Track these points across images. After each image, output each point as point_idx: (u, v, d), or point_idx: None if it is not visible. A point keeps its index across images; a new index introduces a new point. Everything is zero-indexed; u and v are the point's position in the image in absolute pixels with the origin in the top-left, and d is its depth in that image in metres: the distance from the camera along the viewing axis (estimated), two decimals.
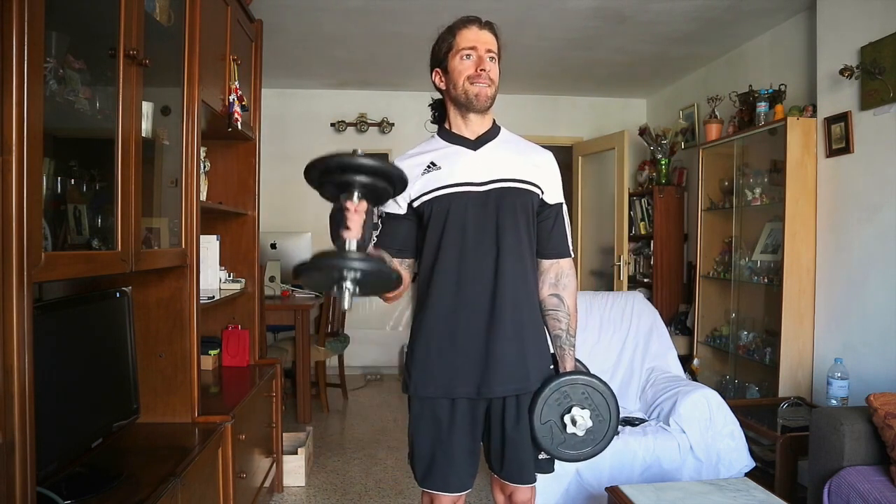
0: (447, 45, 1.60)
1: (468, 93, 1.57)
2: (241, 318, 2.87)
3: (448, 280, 1.57)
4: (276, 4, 3.37)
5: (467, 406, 1.60)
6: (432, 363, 1.59)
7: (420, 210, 1.59)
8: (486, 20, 1.60)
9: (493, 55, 1.58)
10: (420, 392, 1.61)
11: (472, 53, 1.56)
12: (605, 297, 3.19)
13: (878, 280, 2.80)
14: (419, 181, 1.58)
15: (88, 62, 1.47)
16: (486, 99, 1.57)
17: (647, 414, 2.84)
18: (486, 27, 1.58)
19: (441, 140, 1.65)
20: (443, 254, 1.57)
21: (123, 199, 1.53)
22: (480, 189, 1.57)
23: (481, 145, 1.62)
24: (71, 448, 1.50)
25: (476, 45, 1.56)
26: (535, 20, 3.68)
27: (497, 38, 1.60)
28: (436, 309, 1.59)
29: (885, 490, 1.92)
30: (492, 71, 1.57)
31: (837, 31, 3.03)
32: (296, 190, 5.30)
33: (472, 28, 1.57)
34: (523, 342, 1.60)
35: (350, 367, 5.06)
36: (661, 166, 4.78)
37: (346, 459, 3.39)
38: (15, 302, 1.14)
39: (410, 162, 1.60)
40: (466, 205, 1.56)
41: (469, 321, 1.56)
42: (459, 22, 1.59)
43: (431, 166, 1.59)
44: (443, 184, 1.57)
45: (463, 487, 1.64)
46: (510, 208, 1.57)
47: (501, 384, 1.58)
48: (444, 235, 1.56)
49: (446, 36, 1.60)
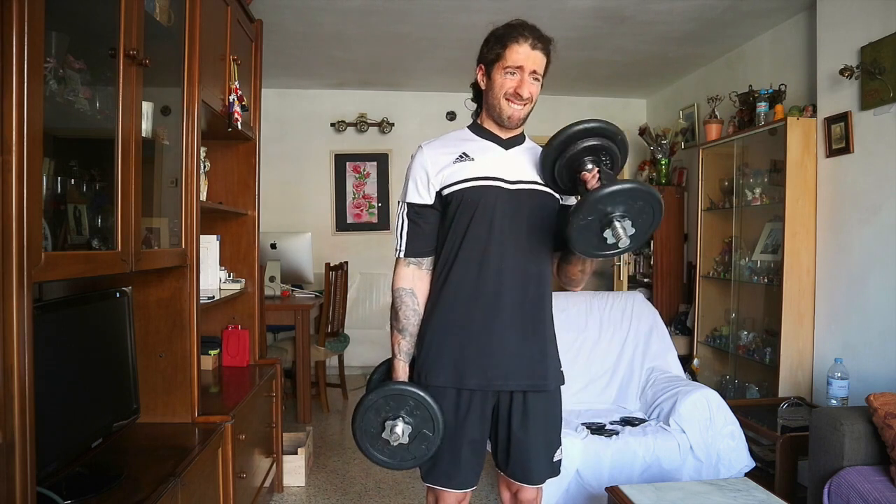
0: (495, 55, 1.56)
1: (503, 111, 1.58)
2: (241, 318, 2.87)
3: (469, 271, 1.57)
4: (276, 4, 3.38)
5: (475, 401, 1.59)
6: (445, 353, 1.59)
7: (448, 198, 1.59)
8: (538, 36, 1.55)
9: (537, 77, 1.56)
10: (431, 381, 1.60)
11: (517, 73, 1.54)
12: (605, 297, 3.19)
13: (878, 280, 2.80)
14: (448, 168, 1.59)
15: (88, 62, 1.47)
16: (518, 120, 1.59)
17: (647, 414, 2.84)
18: (538, 47, 1.54)
19: (472, 133, 1.66)
20: (467, 244, 1.57)
21: (123, 199, 1.53)
22: (510, 187, 1.58)
23: (511, 146, 1.63)
24: (71, 448, 1.50)
25: (523, 65, 1.53)
26: (535, 20, 3.62)
27: (548, 55, 1.57)
28: (454, 298, 1.59)
29: (885, 490, 1.92)
30: (532, 92, 1.56)
31: (837, 31, 3.03)
32: (296, 190, 5.38)
33: (523, 45, 1.53)
34: (539, 340, 1.61)
35: (350, 367, 5.07)
36: (661, 166, 4.78)
37: (346, 459, 3.39)
38: (15, 302, 1.14)
39: (440, 150, 1.62)
40: (496, 200, 1.57)
41: (485, 314, 1.57)
42: (512, 34, 1.54)
43: (464, 156, 1.60)
44: (476, 175, 1.57)
45: (467, 484, 1.63)
46: (536, 209, 1.59)
47: (514, 379, 1.58)
48: (470, 226, 1.57)
49: (496, 45, 1.56)
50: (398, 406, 1.55)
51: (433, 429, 1.55)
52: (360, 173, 5.52)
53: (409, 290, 1.64)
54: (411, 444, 1.56)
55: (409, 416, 1.55)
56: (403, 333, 1.64)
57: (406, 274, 1.65)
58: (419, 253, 1.64)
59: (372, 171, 5.52)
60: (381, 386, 1.59)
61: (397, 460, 1.59)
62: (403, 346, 1.64)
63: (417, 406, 1.55)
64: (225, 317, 2.86)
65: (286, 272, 4.30)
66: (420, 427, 1.55)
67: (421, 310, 1.64)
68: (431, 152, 1.62)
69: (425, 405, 1.54)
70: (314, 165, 5.41)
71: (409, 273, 1.65)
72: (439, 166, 1.59)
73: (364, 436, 1.58)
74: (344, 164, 5.49)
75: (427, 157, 1.61)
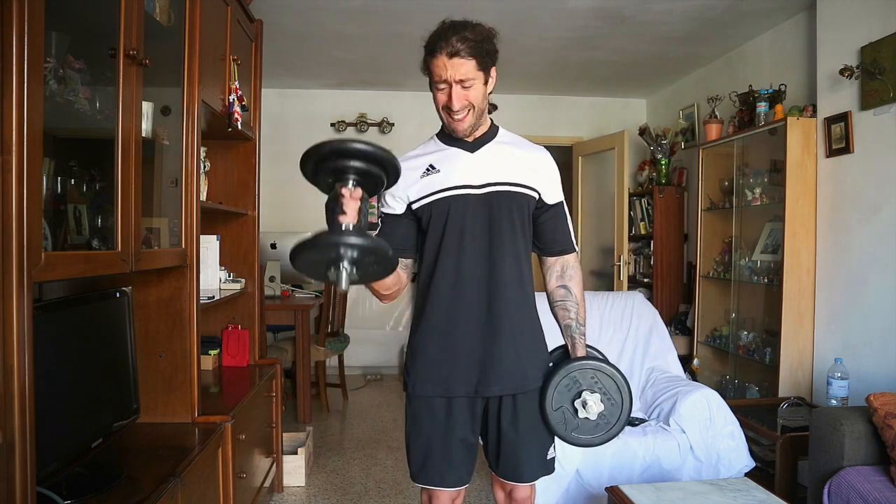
0: (426, 71, 1.54)
1: (448, 125, 1.57)
2: (241, 318, 2.87)
3: (447, 282, 1.58)
4: (276, 4, 3.37)
5: (465, 403, 1.61)
6: (430, 363, 1.60)
7: (419, 213, 1.60)
8: (456, 39, 1.44)
9: (467, 83, 1.48)
10: (418, 391, 1.62)
11: (445, 86, 1.50)
12: (605, 297, 3.19)
13: (878, 280, 2.80)
14: (418, 184, 1.58)
15: (88, 62, 1.47)
16: (464, 131, 1.56)
17: (647, 414, 2.84)
18: (457, 53, 1.44)
19: (439, 142, 1.65)
20: (442, 256, 1.58)
21: (123, 199, 1.53)
22: (478, 192, 1.57)
23: (479, 147, 1.61)
24: (71, 448, 1.50)
25: (445, 77, 1.48)
26: (535, 20, 3.68)
27: (475, 56, 1.46)
28: (434, 310, 1.60)
29: (885, 490, 1.92)
30: (468, 97, 1.50)
31: (837, 31, 3.03)
32: (296, 190, 5.34)
33: (440, 57, 1.46)
34: (521, 344, 1.61)
35: (350, 367, 5.06)
36: (661, 166, 4.78)
37: (346, 459, 3.39)
38: (15, 302, 1.14)
39: (410, 164, 1.60)
40: (465, 207, 1.56)
41: (467, 322, 1.58)
42: (428, 47, 1.50)
43: (430, 169, 1.59)
44: (441, 187, 1.57)
45: (459, 483, 1.64)
46: (507, 211, 1.58)
47: (499, 384, 1.59)
48: (443, 238, 1.57)
49: (424, 61, 1.53)
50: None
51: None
52: None
53: None
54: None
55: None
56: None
57: None
58: None
59: None
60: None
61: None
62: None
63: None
64: (225, 317, 2.86)
65: (286, 272, 4.30)
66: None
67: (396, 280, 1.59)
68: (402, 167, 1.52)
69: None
70: None
71: None
72: (409, 181, 1.56)
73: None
74: None
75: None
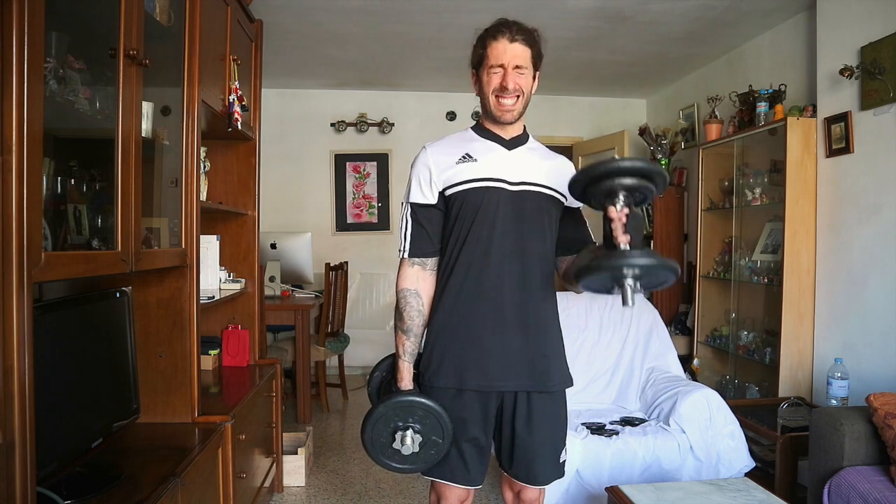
0: (479, 56, 1.59)
1: (495, 108, 1.58)
2: (241, 318, 2.87)
3: (472, 272, 1.58)
4: (276, 4, 3.37)
5: (477, 401, 1.59)
6: (446, 353, 1.60)
7: (451, 199, 1.60)
8: (518, 28, 1.55)
9: (521, 70, 1.56)
10: (432, 381, 1.61)
11: (500, 69, 1.55)
12: (605, 297, 3.19)
13: (878, 280, 2.80)
14: (453, 169, 1.59)
15: (88, 62, 1.47)
16: (512, 115, 1.59)
17: (647, 414, 2.84)
18: (517, 39, 1.54)
19: (476, 134, 1.66)
20: (469, 245, 1.57)
21: (123, 199, 1.53)
22: (513, 188, 1.58)
23: (515, 146, 1.63)
24: (71, 448, 1.50)
25: (503, 62, 1.54)
26: (536, 20, 3.62)
27: (531, 47, 1.56)
28: (456, 299, 1.59)
29: (885, 490, 1.92)
30: (520, 84, 1.56)
31: (837, 31, 3.03)
32: (296, 190, 5.38)
33: (501, 41, 1.54)
34: (546, 342, 1.61)
35: (350, 367, 5.07)
36: (662, 166, 4.78)
37: (346, 459, 3.39)
38: (15, 302, 1.14)
39: (443, 150, 1.62)
40: (499, 201, 1.57)
41: (488, 315, 1.57)
42: (490, 32, 1.56)
43: (467, 157, 1.60)
44: (478, 176, 1.57)
45: (471, 482, 1.63)
46: (538, 211, 1.59)
47: (516, 379, 1.58)
48: (473, 227, 1.57)
49: (478, 46, 1.59)
50: (407, 416, 1.57)
51: (442, 435, 1.57)
52: (360, 173, 5.53)
53: (413, 291, 1.64)
54: (421, 451, 1.58)
55: (419, 425, 1.57)
56: (408, 334, 1.64)
57: (410, 275, 1.64)
58: (423, 253, 1.63)
59: (372, 172, 5.52)
60: (390, 398, 1.60)
61: (409, 465, 1.61)
62: (408, 346, 1.64)
63: (426, 415, 1.56)
64: (225, 317, 2.86)
65: (286, 272, 4.30)
66: (429, 434, 1.57)
67: (425, 310, 1.64)
68: (435, 153, 1.62)
69: (433, 413, 1.56)
70: (314, 165, 5.41)
71: (414, 274, 1.64)
72: (442, 167, 1.59)
73: (374, 446, 1.60)
74: (344, 164, 5.49)
75: (430, 158, 1.62)
